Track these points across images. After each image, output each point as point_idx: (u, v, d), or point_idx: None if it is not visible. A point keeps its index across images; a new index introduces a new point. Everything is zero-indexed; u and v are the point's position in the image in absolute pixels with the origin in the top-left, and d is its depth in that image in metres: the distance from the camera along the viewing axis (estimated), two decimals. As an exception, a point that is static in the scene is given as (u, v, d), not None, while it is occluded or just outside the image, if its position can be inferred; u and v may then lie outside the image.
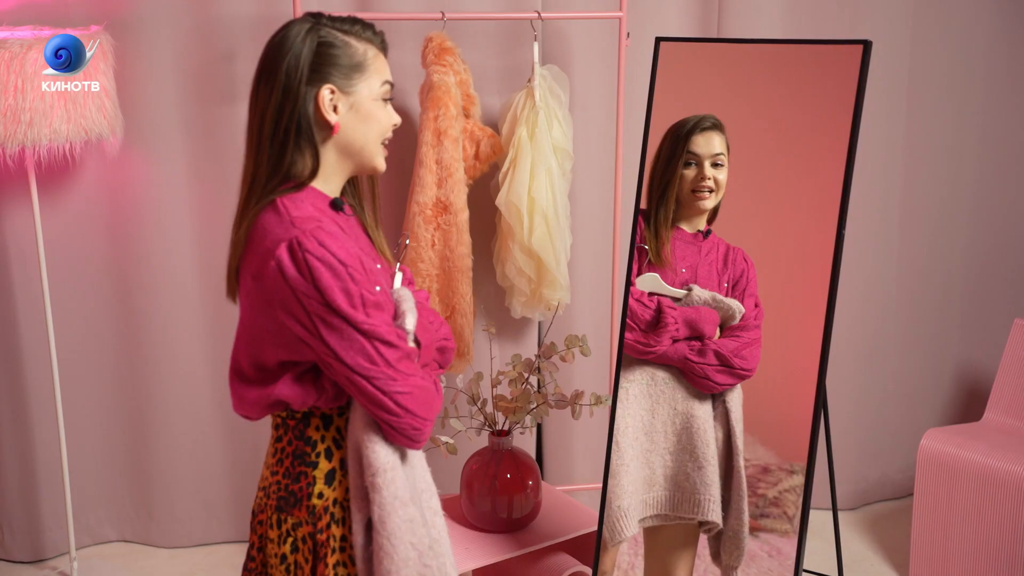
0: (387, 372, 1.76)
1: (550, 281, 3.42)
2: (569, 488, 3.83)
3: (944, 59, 3.88)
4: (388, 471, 1.81)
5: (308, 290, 1.70)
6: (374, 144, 1.88)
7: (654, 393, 2.75)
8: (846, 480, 4.08)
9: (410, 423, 1.80)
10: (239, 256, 1.82)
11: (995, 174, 4.07)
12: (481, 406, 3.16)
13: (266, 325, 1.78)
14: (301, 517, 1.86)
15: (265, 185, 1.80)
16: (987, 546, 3.26)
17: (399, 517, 1.81)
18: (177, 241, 3.59)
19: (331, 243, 1.71)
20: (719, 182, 2.69)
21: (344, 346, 1.73)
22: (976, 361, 4.23)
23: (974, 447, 3.34)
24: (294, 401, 1.82)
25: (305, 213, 1.76)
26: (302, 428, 1.87)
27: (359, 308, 1.73)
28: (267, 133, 1.80)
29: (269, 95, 1.80)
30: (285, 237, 1.72)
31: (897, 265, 3.99)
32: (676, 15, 3.71)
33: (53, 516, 3.76)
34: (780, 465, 2.64)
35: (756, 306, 2.68)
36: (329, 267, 1.70)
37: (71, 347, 3.65)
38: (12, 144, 3.09)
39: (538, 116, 3.32)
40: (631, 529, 2.74)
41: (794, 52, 2.68)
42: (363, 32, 1.86)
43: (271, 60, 1.81)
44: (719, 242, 2.72)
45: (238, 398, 1.88)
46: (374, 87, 1.85)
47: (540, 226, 3.34)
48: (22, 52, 3.06)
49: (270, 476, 1.91)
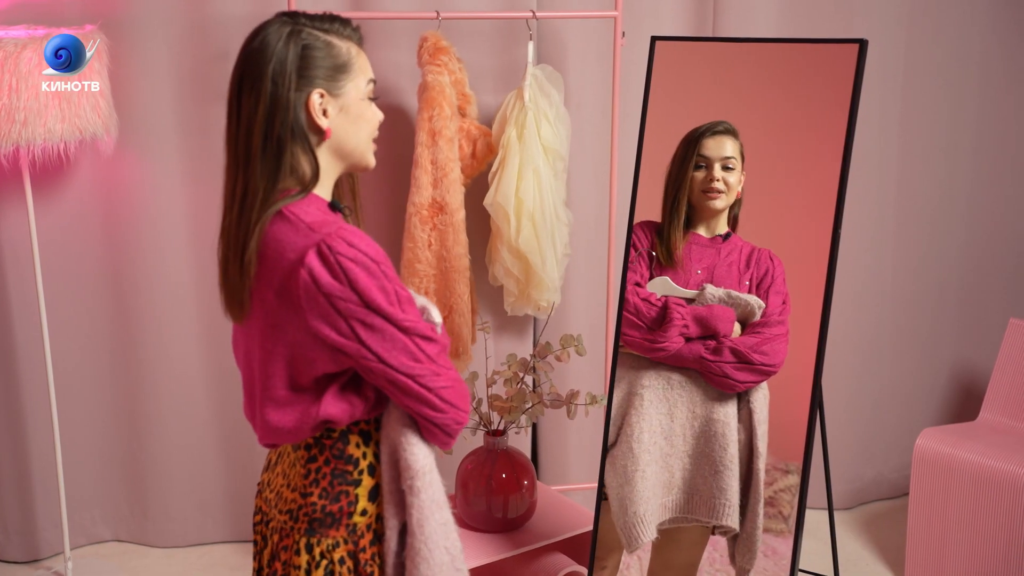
0: (431, 368, 1.73)
1: (537, 282, 3.40)
2: (564, 488, 3.83)
3: (939, 58, 3.88)
4: (427, 473, 1.79)
5: (345, 293, 1.65)
6: (365, 144, 1.84)
7: (671, 397, 2.72)
8: (842, 479, 4.08)
9: (454, 417, 1.78)
10: (250, 278, 1.72)
11: (990, 173, 4.07)
12: (476, 406, 3.16)
13: (298, 340, 1.71)
14: (339, 537, 1.81)
15: (264, 198, 1.72)
16: (983, 546, 3.26)
17: (436, 521, 1.79)
18: (172, 241, 3.59)
19: (359, 242, 1.67)
20: (730, 184, 2.67)
21: (387, 347, 1.69)
22: (972, 360, 4.23)
23: (970, 447, 3.34)
24: (341, 418, 1.78)
25: (318, 218, 1.71)
26: (341, 447, 1.82)
27: (396, 305, 1.69)
28: (257, 144, 1.71)
29: (255, 105, 1.71)
30: (310, 244, 1.66)
31: (892, 264, 3.99)
32: (672, 14, 3.71)
33: (48, 516, 3.75)
34: (775, 465, 2.62)
35: (783, 302, 2.62)
36: (363, 266, 1.66)
37: (66, 347, 3.64)
38: (6, 143, 3.08)
39: (527, 116, 3.30)
40: (649, 535, 2.71)
41: (790, 51, 2.67)
42: (343, 30, 1.80)
43: (253, 67, 1.72)
44: (743, 244, 2.69)
45: (269, 427, 1.79)
46: (361, 86, 1.81)
47: (527, 227, 3.33)
48: (16, 51, 3.05)
49: (300, 498, 1.83)
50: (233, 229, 1.74)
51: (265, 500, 1.92)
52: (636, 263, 2.77)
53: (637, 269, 2.77)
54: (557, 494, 3.39)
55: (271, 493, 1.90)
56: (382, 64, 3.52)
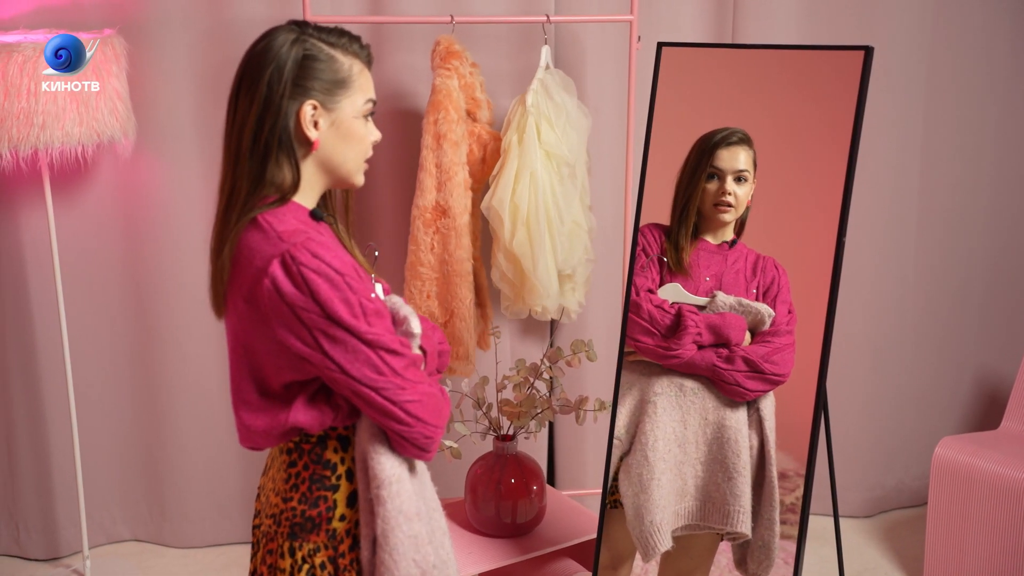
0: (395, 381, 1.72)
1: (530, 288, 3.36)
2: (581, 492, 3.82)
3: (962, 63, 3.83)
4: (393, 483, 1.78)
5: (306, 304, 1.66)
6: (353, 161, 1.83)
7: (684, 404, 2.71)
8: (861, 487, 4.04)
9: (421, 431, 1.76)
10: (225, 280, 1.76)
11: (1014, 178, 4.02)
12: (487, 410, 3.15)
13: (265, 347, 1.73)
14: (319, 542, 1.82)
15: (245, 201, 1.74)
16: (1002, 558, 3.21)
17: (403, 532, 1.77)
18: (190, 243, 3.61)
19: (324, 253, 1.67)
20: (739, 197, 2.66)
21: (349, 358, 1.69)
22: (996, 367, 4.18)
23: (989, 456, 3.29)
24: (311, 426, 1.78)
25: (291, 227, 1.71)
26: (319, 452, 1.83)
27: (360, 317, 1.69)
28: (246, 145, 1.74)
29: (249, 106, 1.74)
30: (276, 253, 1.67)
31: (914, 270, 3.95)
32: (691, 19, 3.69)
33: (68, 515, 3.79)
34: (797, 471, 2.60)
35: (789, 312, 2.62)
36: (326, 278, 1.66)
37: (85, 348, 3.68)
38: (25, 147, 3.11)
39: (527, 120, 3.28)
40: (665, 544, 2.69)
41: (798, 58, 2.65)
42: (350, 46, 1.80)
43: (253, 69, 1.75)
44: (748, 252, 2.68)
45: (245, 429, 1.81)
46: (357, 104, 1.80)
47: (521, 231, 3.30)
48: (35, 56, 3.08)
49: (282, 503, 1.84)
50: (219, 226, 1.77)
51: (261, 503, 1.93)
52: (648, 268, 2.75)
53: (649, 275, 2.75)
54: (567, 499, 3.38)
55: (264, 497, 1.92)
56: (400, 68, 3.53)
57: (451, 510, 3.25)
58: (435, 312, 3.30)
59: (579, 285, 3.56)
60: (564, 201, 3.37)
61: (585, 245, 3.48)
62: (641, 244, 2.78)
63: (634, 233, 2.81)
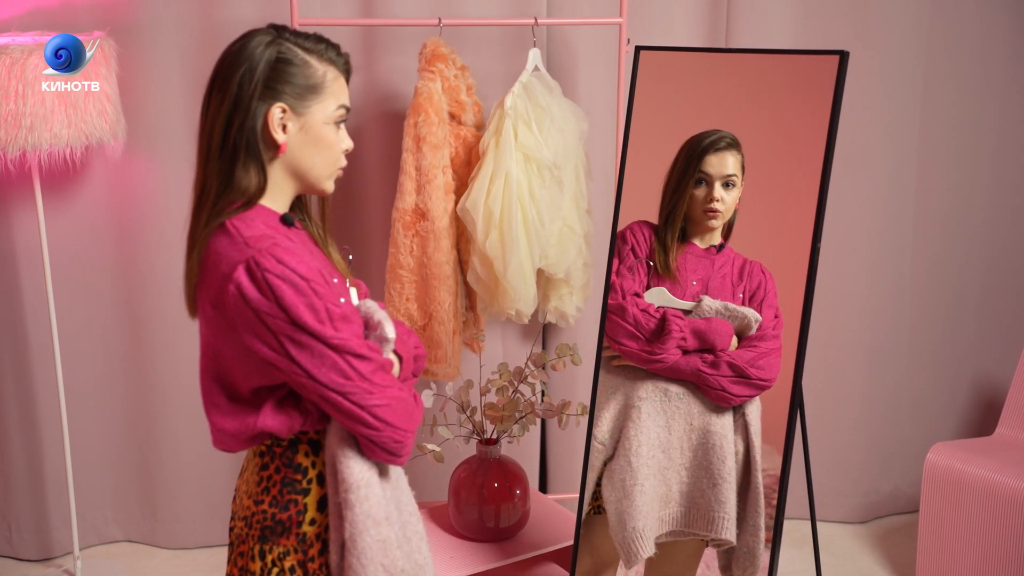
0: (362, 386, 1.71)
1: (502, 291, 3.34)
2: (573, 496, 3.80)
3: (958, 65, 3.81)
4: (361, 487, 1.77)
5: (272, 310, 1.66)
6: (321, 168, 1.82)
7: (669, 409, 2.69)
8: (857, 493, 4.02)
9: (391, 436, 1.75)
10: (195, 285, 1.77)
11: (1010, 181, 3.99)
12: (470, 414, 3.15)
13: (233, 353, 1.73)
14: (289, 546, 1.82)
15: (215, 202, 1.75)
16: (994, 565, 3.18)
17: (371, 536, 1.77)
18: (181, 244, 3.53)
19: (289, 259, 1.67)
20: (727, 203, 2.63)
21: (315, 364, 1.69)
22: (992, 372, 4.14)
23: (982, 463, 3.26)
24: (280, 430, 1.78)
25: (258, 232, 1.71)
26: (290, 455, 1.83)
27: (326, 323, 1.68)
28: (216, 145, 1.75)
29: (220, 104, 1.75)
30: (241, 259, 1.67)
31: (911, 274, 3.92)
32: (683, 22, 3.67)
33: (60, 515, 3.81)
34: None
35: (776, 317, 2.59)
36: (291, 284, 1.65)
37: (76, 349, 3.69)
38: (13, 149, 3.12)
39: (504, 122, 3.26)
40: (648, 550, 2.67)
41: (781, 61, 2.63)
42: (326, 52, 1.80)
43: (226, 68, 1.76)
44: (734, 256, 2.65)
45: (217, 431, 1.81)
46: (328, 110, 1.79)
47: (494, 234, 3.28)
48: (23, 57, 3.10)
49: (254, 505, 1.84)
50: (191, 226, 1.79)
51: (236, 506, 1.94)
52: (636, 270, 2.74)
53: (636, 278, 2.73)
54: (553, 503, 3.37)
55: (239, 499, 1.92)
56: (390, 70, 3.53)
57: (434, 514, 3.24)
58: (414, 315, 3.29)
59: (576, 290, 3.54)
60: (547, 204, 3.33)
61: (580, 249, 3.46)
62: (630, 243, 2.76)
63: (612, 237, 2.79)
